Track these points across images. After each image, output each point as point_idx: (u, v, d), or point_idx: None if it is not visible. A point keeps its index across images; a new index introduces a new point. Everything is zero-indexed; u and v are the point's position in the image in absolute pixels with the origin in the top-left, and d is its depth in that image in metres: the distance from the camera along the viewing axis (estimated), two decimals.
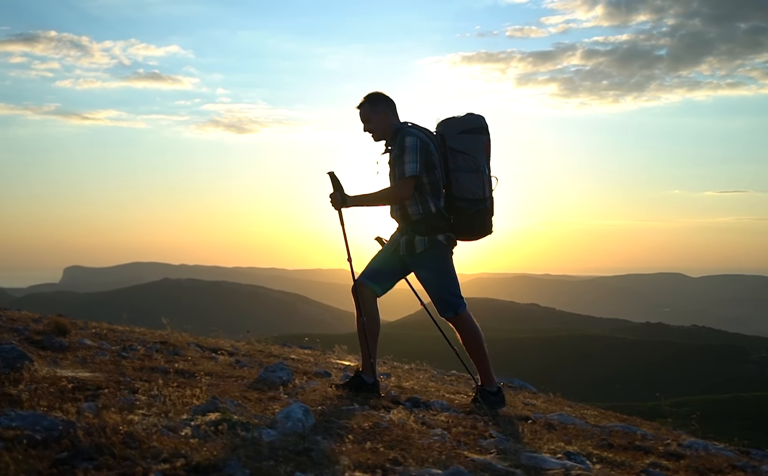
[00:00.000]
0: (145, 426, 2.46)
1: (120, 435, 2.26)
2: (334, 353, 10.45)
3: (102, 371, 4.51)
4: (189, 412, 2.95)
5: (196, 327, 10.88)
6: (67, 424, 2.29)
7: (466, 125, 5.65)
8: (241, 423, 2.71)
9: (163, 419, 2.67)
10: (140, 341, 7.71)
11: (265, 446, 2.38)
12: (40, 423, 2.36)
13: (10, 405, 2.73)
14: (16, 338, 6.20)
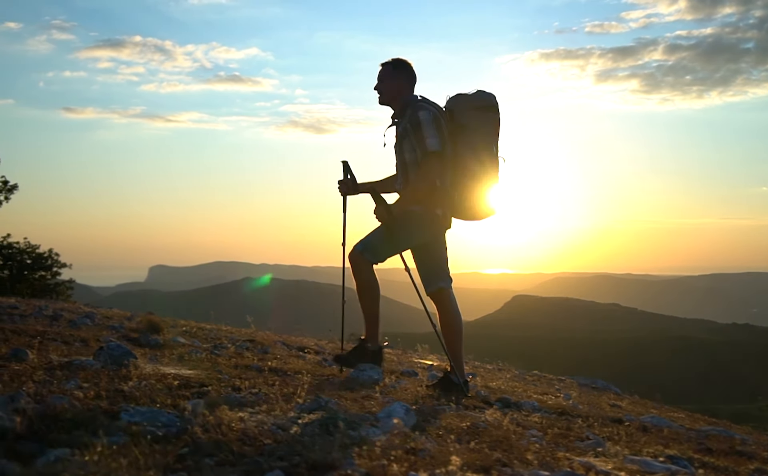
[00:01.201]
0: (256, 423, 2.51)
1: (235, 432, 2.31)
2: (416, 352, 10.47)
3: (200, 368, 4.61)
4: (294, 410, 2.99)
5: (278, 325, 11.06)
6: (184, 420, 2.35)
7: (476, 102, 5.48)
8: (348, 421, 2.73)
9: (270, 417, 2.72)
10: (229, 339, 7.86)
11: (377, 445, 2.39)
12: (158, 419, 2.43)
13: (124, 400, 2.81)
14: (114, 336, 6.39)
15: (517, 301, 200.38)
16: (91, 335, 6.01)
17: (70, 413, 2.29)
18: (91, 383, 3.23)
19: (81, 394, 2.65)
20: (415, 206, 5.40)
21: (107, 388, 3.07)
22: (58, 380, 3.26)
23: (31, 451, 1.90)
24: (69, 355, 4.54)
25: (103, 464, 1.80)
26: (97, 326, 7.34)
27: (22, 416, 2.16)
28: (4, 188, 33.16)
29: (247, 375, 4.65)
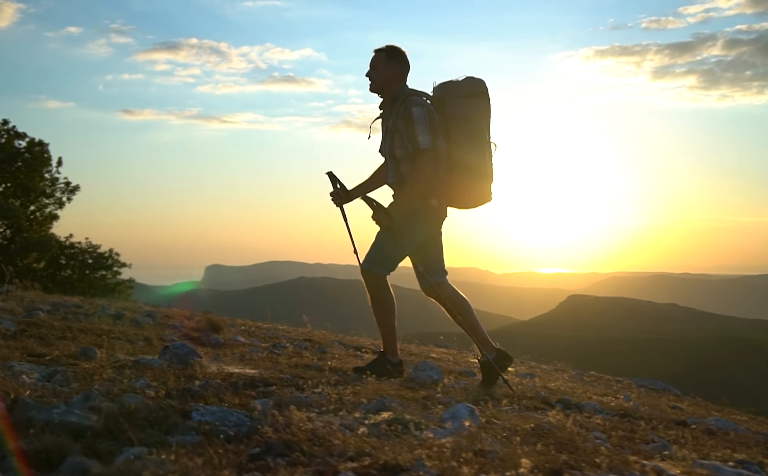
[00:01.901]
0: (323, 423, 2.51)
1: (304, 432, 2.32)
2: (471, 352, 10.40)
3: (261, 367, 4.65)
4: (360, 410, 2.99)
5: (333, 324, 11.08)
6: (254, 420, 2.38)
7: (465, 89, 5.40)
8: (414, 422, 2.73)
9: (337, 417, 2.72)
10: (287, 338, 7.92)
11: (447, 447, 2.38)
12: (228, 419, 2.46)
13: (193, 399, 2.85)
14: (176, 335, 6.49)
15: (573, 301, 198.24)
16: (153, 334, 6.11)
17: (143, 412, 2.33)
18: (159, 382, 3.28)
19: (153, 393, 2.69)
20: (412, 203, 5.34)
21: (175, 387, 3.12)
22: (127, 378, 3.31)
23: (109, 449, 1.93)
24: (135, 354, 4.62)
25: (180, 463, 1.82)
26: (158, 325, 7.46)
27: (98, 414, 2.20)
28: (66, 189, 33.96)
29: (307, 375, 4.67)
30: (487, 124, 5.42)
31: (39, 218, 33.30)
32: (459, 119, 5.33)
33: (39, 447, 1.76)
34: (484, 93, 5.41)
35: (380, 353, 5.59)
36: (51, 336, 4.90)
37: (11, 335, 4.68)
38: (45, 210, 33.73)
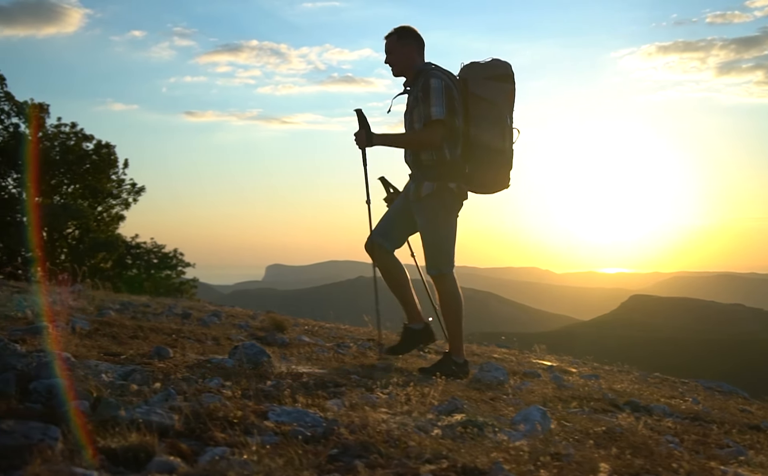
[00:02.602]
0: (398, 425, 2.52)
1: (380, 433, 2.32)
2: (533, 352, 10.31)
3: (328, 367, 4.68)
4: (432, 412, 2.99)
5: (393, 324, 11.10)
6: (330, 421, 2.39)
7: (491, 71, 5.32)
8: (487, 424, 2.71)
9: (410, 418, 2.72)
10: (350, 337, 7.96)
11: (525, 450, 2.36)
12: (303, 419, 2.47)
13: (267, 399, 2.89)
14: (243, 335, 6.57)
15: (635, 301, 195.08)
16: (221, 334, 6.19)
17: (222, 411, 2.36)
18: (232, 381, 3.32)
19: (230, 393, 2.73)
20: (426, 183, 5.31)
21: (248, 387, 3.16)
22: (201, 378, 3.37)
23: (192, 449, 1.96)
24: (205, 353, 4.69)
25: (263, 463, 1.84)
26: (224, 324, 7.56)
27: (179, 414, 2.24)
28: (132, 190, 34.69)
29: (374, 375, 4.68)
30: (510, 108, 5.36)
31: (106, 219, 34.07)
32: (480, 101, 5.27)
33: (126, 445, 1.79)
34: (508, 76, 5.36)
35: (445, 353, 5.61)
36: (123, 335, 5.00)
37: (86, 334, 4.79)
38: (112, 211, 34.52)
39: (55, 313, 5.87)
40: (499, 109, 5.27)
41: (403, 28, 5.58)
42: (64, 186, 33.33)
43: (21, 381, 2.45)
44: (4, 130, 32.00)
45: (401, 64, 5.52)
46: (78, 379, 2.54)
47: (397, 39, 5.54)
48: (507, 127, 5.31)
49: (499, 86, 5.30)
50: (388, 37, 5.59)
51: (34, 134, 32.16)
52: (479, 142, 5.29)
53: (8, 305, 5.92)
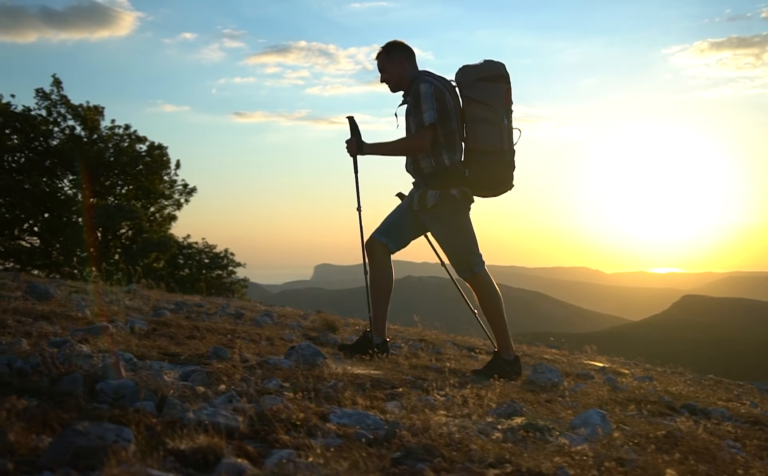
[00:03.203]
0: (458, 428, 2.51)
1: (442, 437, 2.32)
2: (584, 353, 10.21)
3: (383, 368, 4.68)
4: (490, 415, 2.98)
5: (443, 324, 11.09)
6: (391, 424, 2.39)
7: (483, 73, 5.28)
8: (548, 428, 2.69)
9: (469, 421, 2.72)
10: (401, 338, 7.96)
11: (589, 455, 2.34)
12: (364, 421, 2.48)
13: (326, 401, 2.90)
14: (296, 335, 6.62)
15: (687, 301, 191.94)
16: (274, 334, 6.24)
17: (284, 413, 2.38)
18: (290, 382, 3.34)
19: (291, 395, 2.75)
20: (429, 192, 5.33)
21: (306, 388, 3.17)
22: (259, 379, 3.40)
23: (257, 451, 1.98)
24: (260, 353, 4.73)
25: (330, 466, 1.85)
26: (276, 324, 7.62)
27: (243, 416, 2.26)
28: (184, 190, 35.16)
29: (428, 376, 4.67)
30: (505, 108, 5.29)
31: (158, 219, 34.60)
32: (473, 103, 5.25)
33: (195, 447, 1.81)
34: (501, 77, 5.31)
35: (495, 353, 5.58)
36: (180, 335, 5.07)
37: (144, 334, 4.86)
38: (164, 211, 35.05)
39: (113, 313, 5.98)
40: (493, 111, 5.23)
41: (389, 43, 5.61)
42: (118, 187, 33.96)
43: (88, 382, 2.50)
44: (61, 132, 32.72)
45: (394, 78, 5.56)
46: (142, 380, 2.58)
47: (385, 55, 5.58)
48: (504, 127, 5.26)
49: (492, 87, 5.28)
50: (378, 56, 5.64)
51: (89, 137, 32.84)
52: (476, 145, 5.27)
53: (68, 305, 6.05)
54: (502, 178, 5.32)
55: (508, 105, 5.32)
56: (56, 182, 32.55)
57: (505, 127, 5.26)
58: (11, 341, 3.48)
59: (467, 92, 5.28)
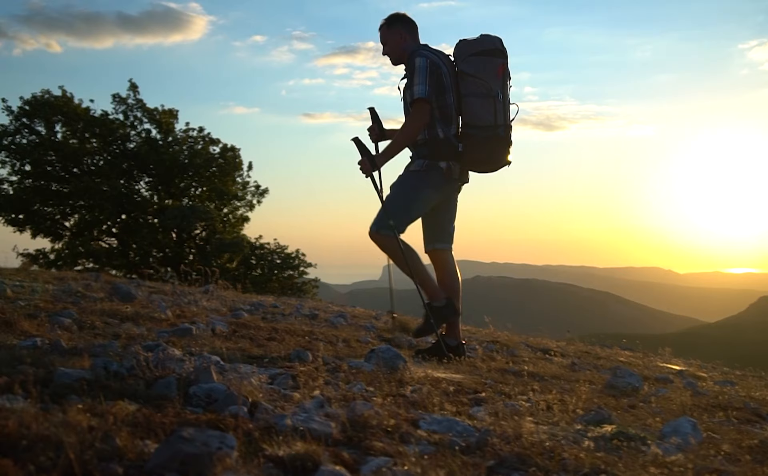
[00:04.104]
0: (548, 435, 2.48)
1: (534, 445, 2.29)
2: (658, 355, 9.99)
3: (461, 372, 4.67)
4: (578, 422, 2.93)
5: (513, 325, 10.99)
6: (483, 431, 2.37)
7: (478, 47, 5.25)
8: (638, 436, 2.64)
9: (557, 428, 2.68)
10: (474, 339, 7.92)
11: (689, 467, 2.28)
12: (454, 428, 2.46)
13: (412, 406, 2.90)
14: (371, 336, 6.64)
15: (765, 303, 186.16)
16: (350, 336, 6.27)
17: (375, 419, 2.38)
18: (375, 387, 3.35)
19: (380, 400, 2.76)
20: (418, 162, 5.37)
21: (390, 393, 3.18)
22: (343, 382, 3.41)
23: (353, 458, 1.98)
24: (339, 355, 4.76)
25: (427, 475, 1.85)
26: (351, 325, 7.66)
27: (335, 421, 2.27)
28: (256, 192, 35.66)
29: (507, 380, 4.64)
30: (499, 83, 5.27)
31: (231, 220, 35.17)
32: (467, 78, 5.25)
33: (293, 454, 1.83)
34: (496, 51, 5.29)
35: (427, 304, 5.60)
36: (260, 337, 5.13)
37: (226, 336, 4.93)
38: (237, 212, 35.61)
39: (193, 314, 6.09)
40: (486, 85, 5.23)
41: (391, 15, 5.62)
42: (192, 189, 34.63)
43: (181, 385, 2.55)
44: (137, 135, 33.55)
45: (395, 51, 5.56)
46: (232, 384, 2.62)
47: (387, 27, 5.58)
48: (498, 102, 5.26)
49: (486, 61, 5.26)
50: (380, 28, 5.64)
51: (164, 139, 33.58)
52: (469, 119, 5.28)
53: (150, 306, 6.18)
54: (495, 153, 5.33)
55: (504, 80, 5.33)
56: (133, 184, 33.39)
57: (500, 102, 5.26)
58: (104, 343, 3.58)
59: (462, 67, 5.30)
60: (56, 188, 32.13)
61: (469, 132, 5.29)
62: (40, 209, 31.95)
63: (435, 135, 5.32)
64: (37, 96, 31.70)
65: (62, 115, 32.04)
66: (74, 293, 6.65)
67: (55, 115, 31.91)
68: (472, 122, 5.26)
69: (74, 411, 1.88)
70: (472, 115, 5.25)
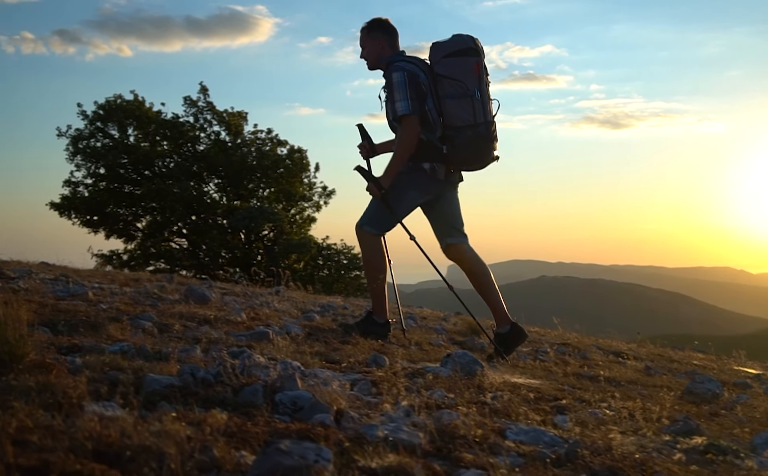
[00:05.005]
0: (636, 447, 2.43)
1: (625, 457, 2.25)
2: (733, 358, 9.73)
3: (537, 377, 4.61)
4: (665, 432, 2.87)
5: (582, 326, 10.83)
6: (572, 443, 2.34)
7: (451, 48, 5.27)
8: (731, 449, 2.57)
9: (644, 439, 2.63)
10: (545, 341, 7.85)
11: None
12: (542, 439, 2.42)
13: (496, 415, 2.87)
14: (442, 339, 6.62)
15: None
16: (422, 338, 6.26)
17: (462, 429, 2.37)
18: (455, 394, 3.33)
19: (464, 409, 2.74)
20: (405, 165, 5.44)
21: (471, 400, 3.16)
22: (422, 388, 3.40)
23: (444, 469, 1.97)
24: (413, 359, 4.75)
25: None
26: (421, 327, 7.65)
27: (423, 432, 2.26)
28: (323, 193, 35.92)
29: (583, 385, 4.58)
30: (475, 81, 5.29)
31: (299, 221, 35.50)
32: (443, 80, 5.27)
33: (385, 466, 1.82)
34: (470, 50, 5.30)
35: (368, 313, 5.80)
36: (334, 340, 5.14)
37: (301, 339, 4.97)
38: (304, 213, 35.91)
39: (266, 316, 6.16)
40: (462, 85, 5.25)
41: (372, 20, 5.65)
42: (260, 190, 35.05)
43: (267, 393, 2.58)
44: (207, 138, 34.11)
45: (371, 58, 5.64)
46: (316, 390, 2.63)
47: (366, 32, 5.66)
48: (476, 101, 5.28)
49: (460, 62, 5.28)
50: (361, 31, 5.71)
51: (233, 141, 34.08)
52: (449, 121, 5.32)
53: (225, 308, 6.27)
54: (480, 151, 5.37)
55: (481, 78, 5.34)
56: (203, 186, 33.95)
57: (477, 100, 5.29)
58: (186, 347, 3.64)
59: (437, 69, 5.33)
60: (129, 190, 32.89)
61: (450, 134, 5.35)
62: (113, 211, 32.76)
63: (419, 141, 5.41)
64: (110, 100, 32.53)
65: (134, 119, 32.78)
66: (151, 295, 6.79)
67: (128, 119, 32.68)
68: (452, 123, 5.33)
69: (170, 420, 1.91)
70: (452, 117, 5.32)
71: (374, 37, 5.63)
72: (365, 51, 5.69)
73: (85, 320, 4.31)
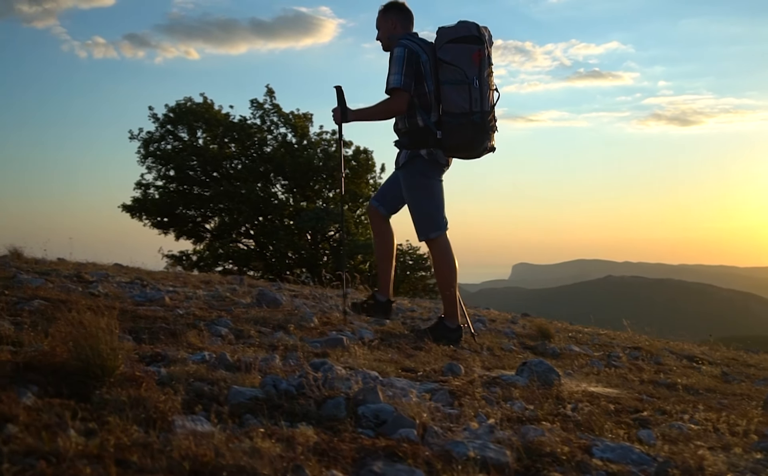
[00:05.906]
0: (726, 465, 2.37)
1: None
2: None
3: (613, 385, 4.53)
4: (755, 448, 2.78)
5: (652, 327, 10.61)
6: (662, 463, 2.29)
7: (454, 35, 5.25)
8: None
9: (735, 457, 2.56)
10: (616, 345, 7.72)
11: None
12: (629, 456, 2.36)
13: (578, 428, 2.83)
14: (513, 343, 6.57)
15: None
16: (493, 343, 6.22)
17: (548, 446, 2.34)
18: (534, 405, 3.30)
19: (548, 425, 2.71)
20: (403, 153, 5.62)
21: (550, 412, 3.12)
22: (500, 399, 3.38)
23: None
24: (486, 366, 4.72)
25: None
26: (490, 331, 7.59)
27: (509, 449, 2.24)
28: None
29: (661, 394, 4.48)
30: (475, 70, 5.26)
31: (365, 222, 35.62)
32: (444, 65, 5.28)
33: None
34: (472, 38, 5.28)
35: (439, 318, 5.86)
36: (407, 347, 5.14)
37: (374, 345, 4.97)
38: None
39: (337, 320, 6.20)
40: (461, 72, 5.25)
41: (387, 2, 5.72)
42: (326, 191, 35.26)
43: (349, 406, 2.59)
44: (273, 139, 34.47)
45: (384, 39, 5.70)
46: (397, 403, 2.63)
47: (382, 14, 5.73)
48: (473, 89, 5.26)
49: (462, 48, 5.27)
50: (379, 12, 5.78)
51: (299, 143, 34.37)
52: (446, 107, 5.33)
53: (296, 313, 6.32)
54: (470, 140, 5.35)
55: (481, 67, 5.31)
56: (269, 187, 34.31)
57: (475, 89, 5.27)
58: (266, 357, 3.67)
59: (439, 54, 5.34)
60: (198, 191, 33.43)
61: (445, 119, 5.38)
62: (182, 213, 33.36)
63: (415, 124, 5.50)
64: (180, 103, 33.14)
65: (204, 122, 33.32)
66: (223, 299, 6.89)
67: (198, 122, 33.22)
68: (448, 109, 5.35)
69: (260, 437, 1.94)
70: (449, 102, 5.34)
71: (388, 18, 5.73)
72: (380, 32, 5.79)
73: (164, 327, 4.39)
